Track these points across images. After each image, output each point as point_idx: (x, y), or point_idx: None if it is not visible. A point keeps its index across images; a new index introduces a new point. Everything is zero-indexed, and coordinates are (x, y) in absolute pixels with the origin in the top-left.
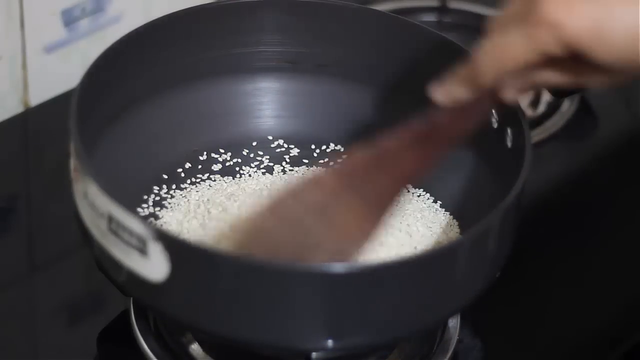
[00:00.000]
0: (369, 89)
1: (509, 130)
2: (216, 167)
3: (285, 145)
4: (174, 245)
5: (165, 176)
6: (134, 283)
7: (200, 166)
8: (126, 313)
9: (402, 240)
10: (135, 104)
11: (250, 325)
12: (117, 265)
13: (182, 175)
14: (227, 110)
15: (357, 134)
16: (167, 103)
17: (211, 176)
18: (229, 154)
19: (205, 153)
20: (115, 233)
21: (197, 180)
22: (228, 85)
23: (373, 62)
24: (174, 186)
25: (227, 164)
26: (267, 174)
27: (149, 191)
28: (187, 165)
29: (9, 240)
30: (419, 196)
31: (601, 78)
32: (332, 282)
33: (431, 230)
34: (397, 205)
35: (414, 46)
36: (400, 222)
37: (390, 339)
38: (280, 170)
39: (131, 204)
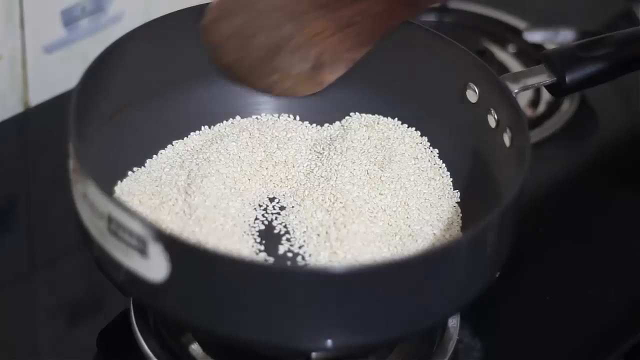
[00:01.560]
0: (368, 88)
1: (508, 130)
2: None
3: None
4: (174, 246)
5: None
6: (134, 283)
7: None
8: (126, 313)
9: (404, 240)
10: (134, 103)
11: (250, 325)
12: (117, 266)
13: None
14: (226, 110)
15: None
16: (166, 103)
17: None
18: None
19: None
20: (115, 234)
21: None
22: (227, 85)
23: (373, 62)
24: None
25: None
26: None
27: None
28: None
29: (9, 240)
30: (419, 196)
31: None
32: (332, 282)
33: (432, 230)
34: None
35: (414, 46)
36: (402, 221)
37: (390, 339)
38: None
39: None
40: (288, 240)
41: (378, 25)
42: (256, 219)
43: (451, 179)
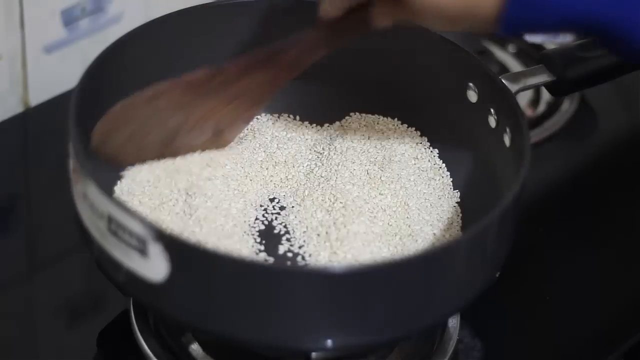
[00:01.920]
0: (368, 88)
1: (507, 130)
2: None
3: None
4: (174, 246)
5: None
6: (134, 283)
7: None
8: (126, 313)
9: (404, 240)
10: None
11: (250, 325)
12: (117, 266)
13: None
14: None
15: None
16: None
17: None
18: None
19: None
20: (115, 234)
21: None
22: None
23: (373, 62)
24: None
25: None
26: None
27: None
28: None
29: (9, 240)
30: (419, 196)
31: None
32: (332, 282)
33: (432, 230)
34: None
35: (413, 46)
36: (402, 221)
37: (390, 339)
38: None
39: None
40: (288, 240)
41: (266, 89)
42: (256, 219)
43: (451, 179)
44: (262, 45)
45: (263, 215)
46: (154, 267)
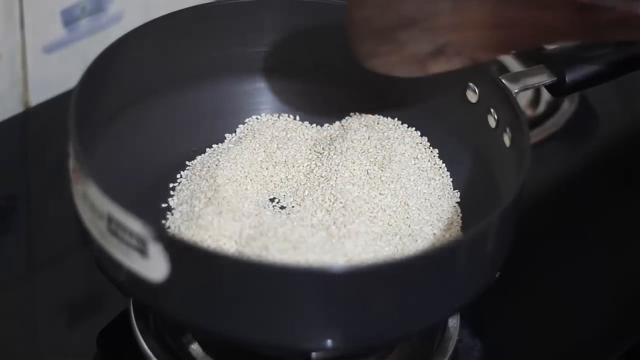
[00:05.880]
0: (368, 88)
1: (507, 130)
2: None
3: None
4: (174, 246)
5: (164, 176)
6: (134, 283)
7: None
8: (126, 313)
9: (404, 240)
10: (134, 104)
11: (250, 325)
12: (117, 266)
13: (181, 175)
14: (226, 110)
15: None
16: (166, 103)
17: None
18: None
19: (204, 153)
20: (115, 234)
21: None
22: (227, 85)
23: None
24: (171, 185)
25: None
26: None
27: (149, 191)
28: (186, 165)
29: (9, 240)
30: (419, 196)
31: None
32: (332, 282)
33: (432, 230)
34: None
35: None
36: (402, 221)
37: (390, 338)
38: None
39: (131, 204)
40: None
41: (528, 38)
42: None
43: (451, 179)
44: (262, 44)
45: None
46: (154, 267)
